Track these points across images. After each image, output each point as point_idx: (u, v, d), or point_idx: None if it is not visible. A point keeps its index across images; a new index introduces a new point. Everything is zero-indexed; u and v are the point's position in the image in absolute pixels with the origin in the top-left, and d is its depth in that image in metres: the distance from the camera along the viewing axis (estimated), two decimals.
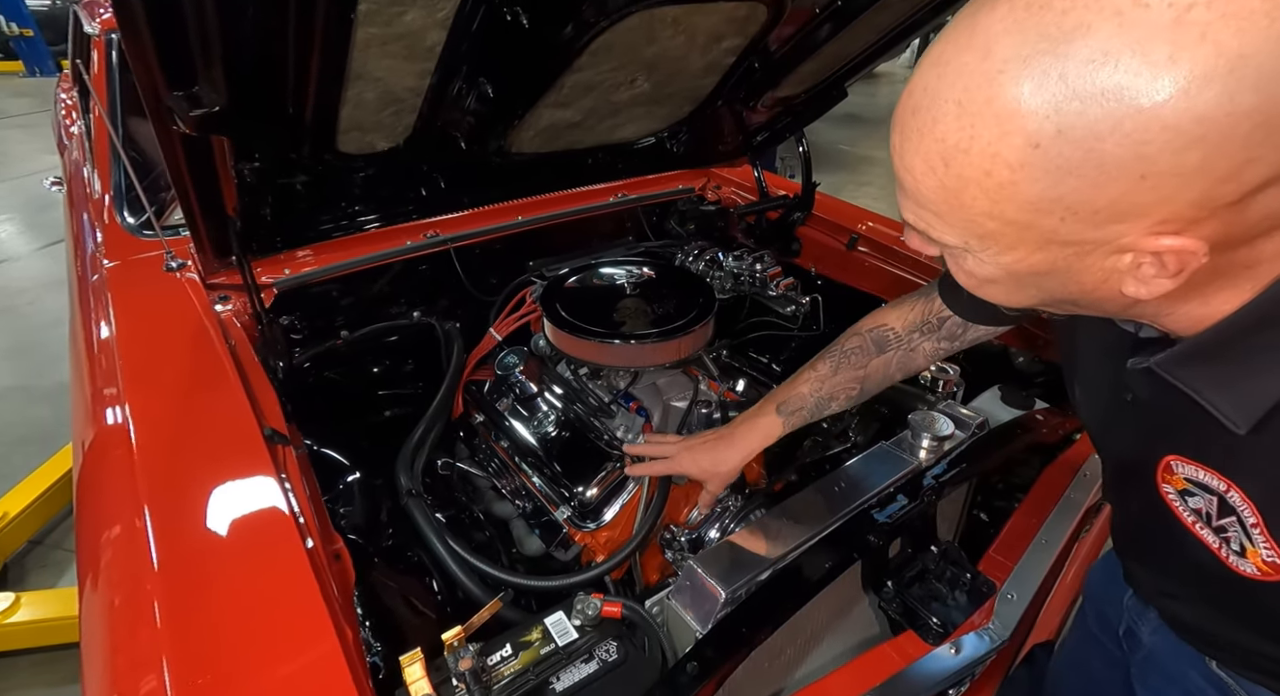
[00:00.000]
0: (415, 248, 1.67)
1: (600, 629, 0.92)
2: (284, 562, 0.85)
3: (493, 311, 1.72)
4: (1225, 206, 0.41)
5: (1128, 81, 0.38)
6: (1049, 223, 0.45)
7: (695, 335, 1.41)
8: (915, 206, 0.51)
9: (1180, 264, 0.44)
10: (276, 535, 0.88)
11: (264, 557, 0.86)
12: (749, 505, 1.34)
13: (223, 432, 1.05)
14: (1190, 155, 0.38)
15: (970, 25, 0.43)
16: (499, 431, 1.53)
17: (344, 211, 1.35)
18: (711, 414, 1.37)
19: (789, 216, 1.96)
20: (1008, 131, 0.42)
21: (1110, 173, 0.40)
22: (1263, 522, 0.55)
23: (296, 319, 1.45)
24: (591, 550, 1.33)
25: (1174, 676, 0.85)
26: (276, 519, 0.90)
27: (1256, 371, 0.51)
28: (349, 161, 1.15)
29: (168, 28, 0.68)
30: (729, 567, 0.92)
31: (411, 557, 1.26)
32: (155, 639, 0.75)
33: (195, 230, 1.10)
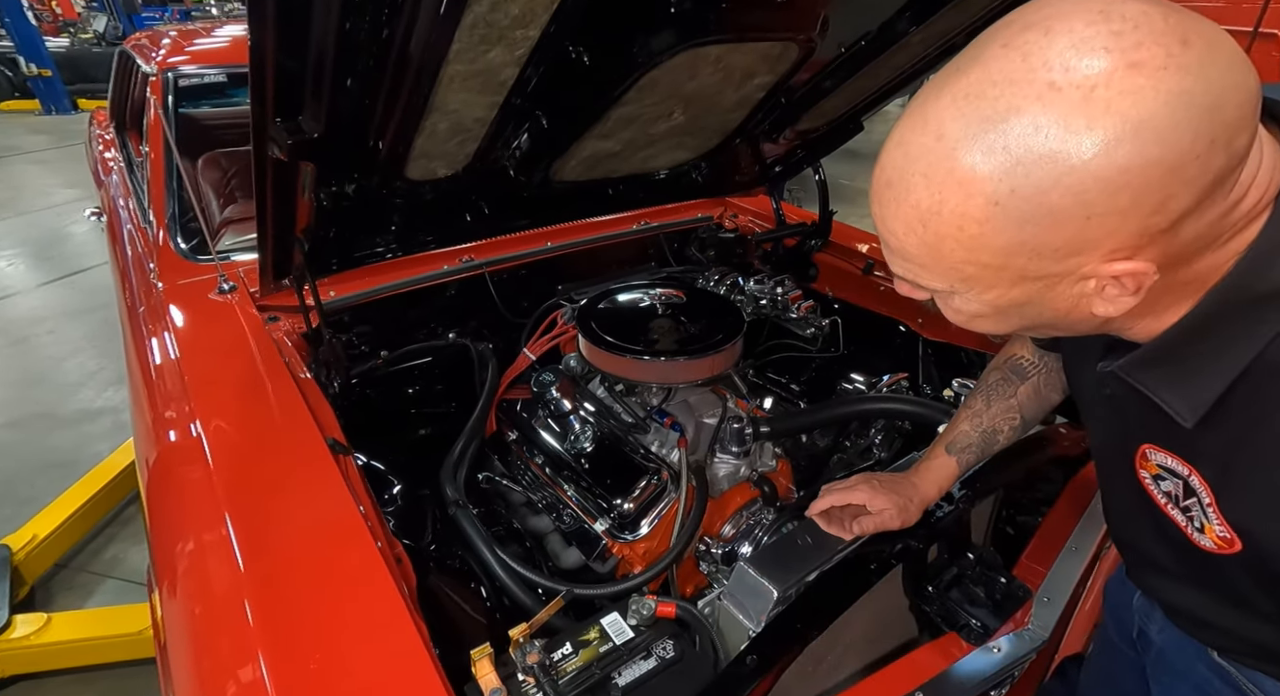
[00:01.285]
0: (451, 272, 1.75)
1: (655, 628, 0.96)
2: (361, 561, 0.89)
3: (525, 333, 1.79)
4: (1160, 233, 0.49)
5: (1059, 146, 0.46)
6: (1019, 262, 0.53)
7: (726, 353, 1.47)
8: (902, 261, 0.59)
9: (1136, 283, 0.52)
10: (351, 536, 0.92)
11: (343, 557, 0.90)
12: (780, 518, 1.39)
13: (290, 443, 1.10)
14: (1121, 197, 0.47)
15: (922, 114, 0.52)
16: (534, 447, 1.57)
17: (396, 236, 1.42)
18: (744, 429, 1.42)
19: (806, 243, 2.04)
20: (970, 194, 0.50)
21: (1060, 218, 0.49)
22: (1215, 502, 0.63)
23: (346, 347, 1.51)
24: (629, 561, 1.37)
25: (1182, 671, 0.89)
26: (350, 521, 0.95)
27: (1195, 372, 0.59)
28: (412, 187, 1.22)
29: (291, 64, 0.76)
30: (779, 569, 0.96)
31: (453, 565, 1.30)
32: (248, 635, 0.79)
33: (264, 250, 1.16)
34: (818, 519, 1.05)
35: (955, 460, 1.02)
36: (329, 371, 1.38)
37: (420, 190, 1.25)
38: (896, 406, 1.37)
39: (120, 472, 2.60)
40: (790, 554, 1.00)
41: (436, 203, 1.35)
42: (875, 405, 1.40)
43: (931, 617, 1.04)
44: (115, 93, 2.69)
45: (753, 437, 1.43)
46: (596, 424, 1.49)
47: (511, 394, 1.69)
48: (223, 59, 2.13)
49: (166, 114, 1.76)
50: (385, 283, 1.64)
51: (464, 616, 1.20)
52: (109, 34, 11.57)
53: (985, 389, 1.04)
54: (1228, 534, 0.63)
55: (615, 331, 1.50)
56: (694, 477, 1.36)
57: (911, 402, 1.37)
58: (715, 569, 1.42)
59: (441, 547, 1.27)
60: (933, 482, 1.02)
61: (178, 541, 0.98)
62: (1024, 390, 1.01)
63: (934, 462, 1.03)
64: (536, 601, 1.19)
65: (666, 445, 1.51)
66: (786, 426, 1.44)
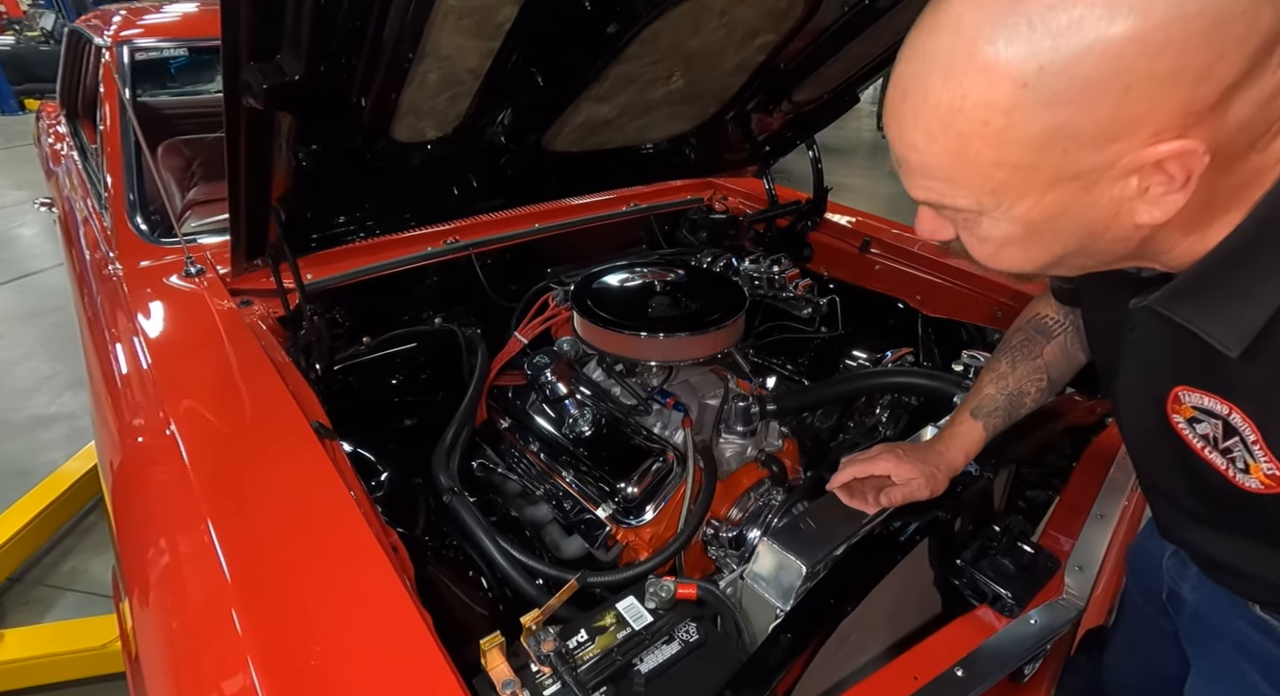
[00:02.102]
0: (436, 253, 1.66)
1: (676, 611, 0.89)
2: (358, 550, 0.81)
3: (514, 316, 1.71)
4: (1208, 110, 0.45)
5: (1087, 12, 0.43)
6: (1053, 157, 0.48)
7: (730, 329, 1.42)
8: (923, 179, 0.54)
9: (1185, 169, 0.47)
10: (346, 524, 0.84)
11: (337, 547, 0.82)
12: (790, 499, 1.34)
13: (272, 430, 1.02)
14: (1162, 60, 0.43)
15: (935, 16, 0.49)
16: (529, 434, 1.50)
17: (380, 210, 1.33)
18: (750, 407, 1.37)
19: (800, 222, 2.00)
20: (994, 81, 0.46)
21: (1096, 92, 0.44)
22: (1261, 439, 0.59)
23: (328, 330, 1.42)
24: (634, 548, 1.30)
25: (1220, 628, 0.86)
26: (343, 508, 0.87)
27: (1240, 295, 0.54)
28: (398, 151, 1.14)
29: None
30: (805, 544, 0.90)
31: (449, 555, 1.22)
32: (234, 639, 0.71)
33: (236, 223, 1.07)
34: (839, 492, 1.00)
35: (982, 425, 0.98)
36: (310, 356, 1.29)
37: (407, 155, 1.17)
38: (909, 380, 1.33)
39: (78, 480, 2.45)
40: (814, 529, 0.94)
41: (423, 171, 1.27)
42: (886, 379, 1.36)
43: (960, 591, 0.99)
44: (66, 79, 2.54)
45: (759, 416, 1.38)
46: (595, 407, 1.42)
47: (502, 380, 1.61)
48: (178, 32, 2.02)
49: (122, 81, 1.65)
50: (365, 265, 1.55)
51: (465, 608, 1.12)
52: (57, 32, 11.11)
53: (1009, 350, 0.99)
54: (1277, 470, 0.59)
55: (612, 309, 1.44)
56: (701, 458, 1.30)
57: (924, 375, 1.32)
58: (724, 553, 1.36)
59: (436, 538, 1.19)
60: (959, 450, 0.98)
61: (150, 546, 0.89)
62: (1050, 349, 0.97)
63: (959, 428, 0.99)
64: (541, 592, 1.12)
65: (669, 426, 1.44)
66: (794, 403, 1.39)
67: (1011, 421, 0.99)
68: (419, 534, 1.15)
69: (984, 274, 1.68)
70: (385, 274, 1.57)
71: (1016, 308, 1.61)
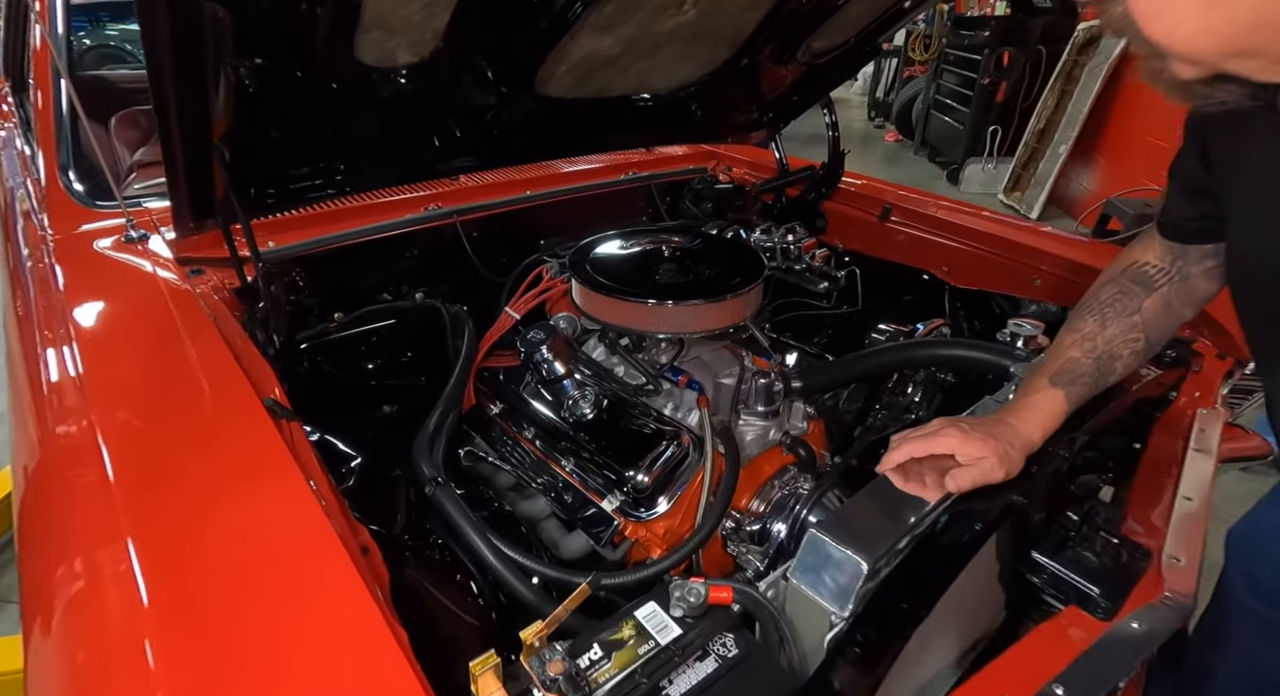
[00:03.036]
0: (416, 221, 1.50)
1: (709, 619, 0.74)
2: (316, 552, 0.65)
3: (504, 291, 1.55)
4: None
5: None
6: None
7: (748, 297, 1.26)
8: None
9: None
10: (301, 521, 0.68)
11: (290, 549, 0.66)
12: (820, 488, 1.18)
13: (215, 410, 0.85)
14: None
15: None
16: (523, 419, 1.34)
17: (347, 162, 1.16)
18: (772, 385, 1.21)
19: (813, 191, 1.85)
20: None
21: None
22: None
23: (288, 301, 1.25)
24: (645, 544, 1.15)
25: None
26: (298, 501, 0.70)
27: None
28: (363, 78, 0.97)
29: None
30: (861, 537, 0.75)
31: (432, 556, 1.06)
32: (148, 684, 0.54)
33: (172, 168, 0.90)
34: (893, 476, 0.84)
35: (1063, 395, 0.83)
36: (268, 330, 1.12)
37: (376, 84, 1.00)
38: (955, 352, 1.18)
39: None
40: (869, 519, 0.79)
41: (398, 113, 1.10)
42: (927, 352, 1.21)
43: (1036, 589, 0.84)
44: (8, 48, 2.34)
45: (782, 395, 1.23)
46: (597, 387, 1.26)
47: (491, 361, 1.44)
48: None
49: (54, 25, 1.46)
50: (335, 232, 1.38)
51: (452, 618, 0.96)
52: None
53: (1098, 306, 0.84)
54: None
55: (616, 276, 1.28)
56: (721, 441, 1.15)
57: (973, 346, 1.18)
58: (745, 549, 1.21)
59: (417, 536, 1.03)
60: (1035, 423, 0.83)
61: (56, 562, 0.71)
62: (1150, 303, 0.82)
63: (1035, 398, 0.84)
64: (541, 596, 0.95)
65: (682, 407, 1.29)
66: (822, 380, 1.24)
67: (1097, 391, 0.84)
68: (397, 532, 0.99)
69: (1021, 239, 1.54)
70: (359, 242, 1.40)
71: (1059, 276, 1.47)
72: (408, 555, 0.94)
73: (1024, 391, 0.86)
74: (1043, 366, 0.87)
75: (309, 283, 1.36)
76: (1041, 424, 0.82)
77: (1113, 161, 4.76)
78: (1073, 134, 4.86)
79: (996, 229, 1.59)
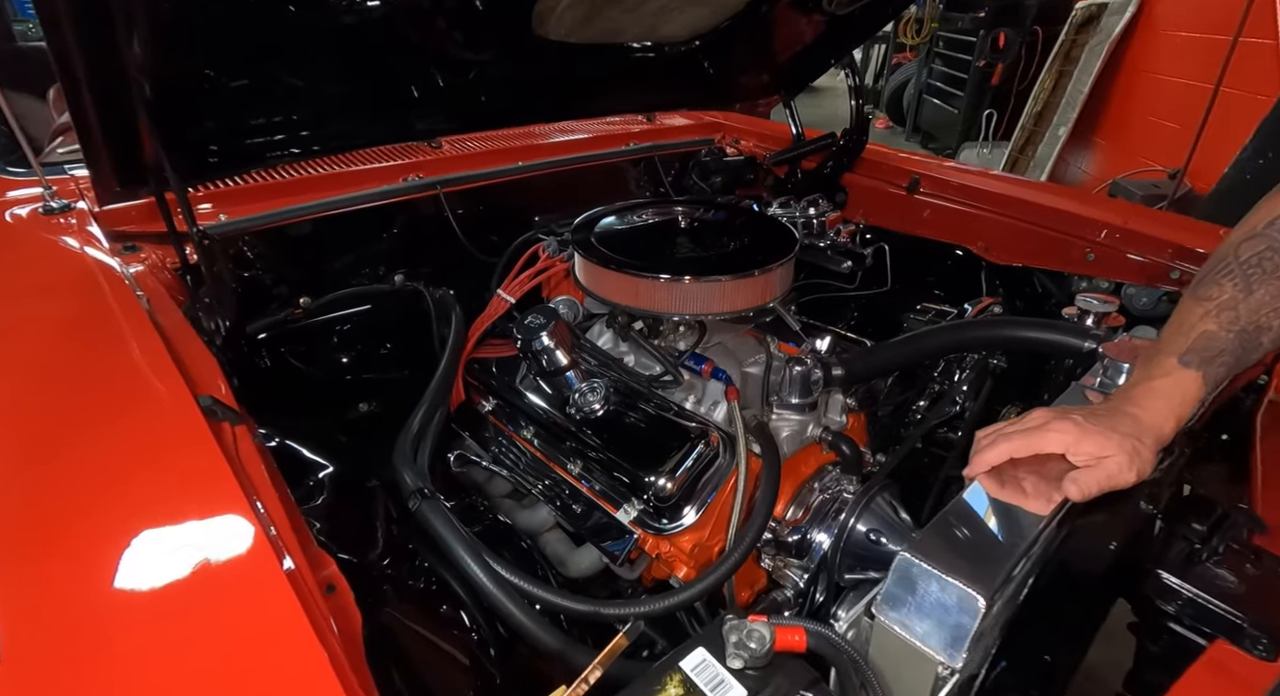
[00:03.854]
0: (394, 193, 1.31)
1: (779, 673, 0.57)
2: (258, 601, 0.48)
3: (496, 273, 1.37)
4: None
5: None
6: None
7: (780, 273, 1.10)
8: None
9: None
10: (240, 556, 0.50)
11: (222, 596, 0.48)
12: (867, 492, 1.03)
13: (138, 414, 0.67)
14: None
15: None
16: (521, 417, 1.17)
17: (309, 114, 0.98)
18: (809, 373, 1.05)
19: (832, 162, 1.68)
20: None
21: None
22: None
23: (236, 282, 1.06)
24: (669, 561, 0.98)
25: None
26: (237, 530, 0.52)
27: None
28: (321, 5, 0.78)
29: None
30: (965, 561, 0.59)
31: (417, 585, 0.88)
32: None
33: (78, 109, 0.71)
34: (986, 481, 0.68)
35: (1198, 376, 0.67)
36: (213, 316, 0.94)
37: (336, 8, 0.81)
38: (1020, 333, 1.02)
39: None
40: (970, 538, 0.63)
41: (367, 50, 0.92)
42: (988, 332, 1.05)
43: (1168, 618, 0.69)
44: None
45: (821, 384, 1.06)
46: (607, 379, 1.09)
47: (483, 352, 1.27)
48: None
49: None
50: (300, 203, 1.19)
51: (442, 662, 0.79)
52: None
53: (1238, 268, 0.69)
54: None
55: (628, 251, 1.11)
56: (756, 438, 0.99)
57: (1040, 325, 1.02)
58: (782, 563, 1.05)
59: (400, 562, 0.85)
60: (1165, 412, 0.67)
61: None
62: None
63: (1162, 381, 0.68)
64: (549, 628, 0.78)
65: (705, 401, 1.12)
66: (865, 366, 1.08)
67: (1238, 370, 0.69)
68: (375, 558, 0.81)
69: (1072, 208, 1.39)
70: (327, 217, 1.22)
71: (1115, 249, 1.32)
72: (387, 589, 0.77)
73: (1145, 374, 0.70)
74: (1166, 344, 0.71)
75: (269, 263, 1.17)
76: (1174, 412, 0.67)
77: (1113, 143, 4.65)
78: (1073, 115, 4.74)
79: (1042, 198, 1.44)
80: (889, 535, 1.00)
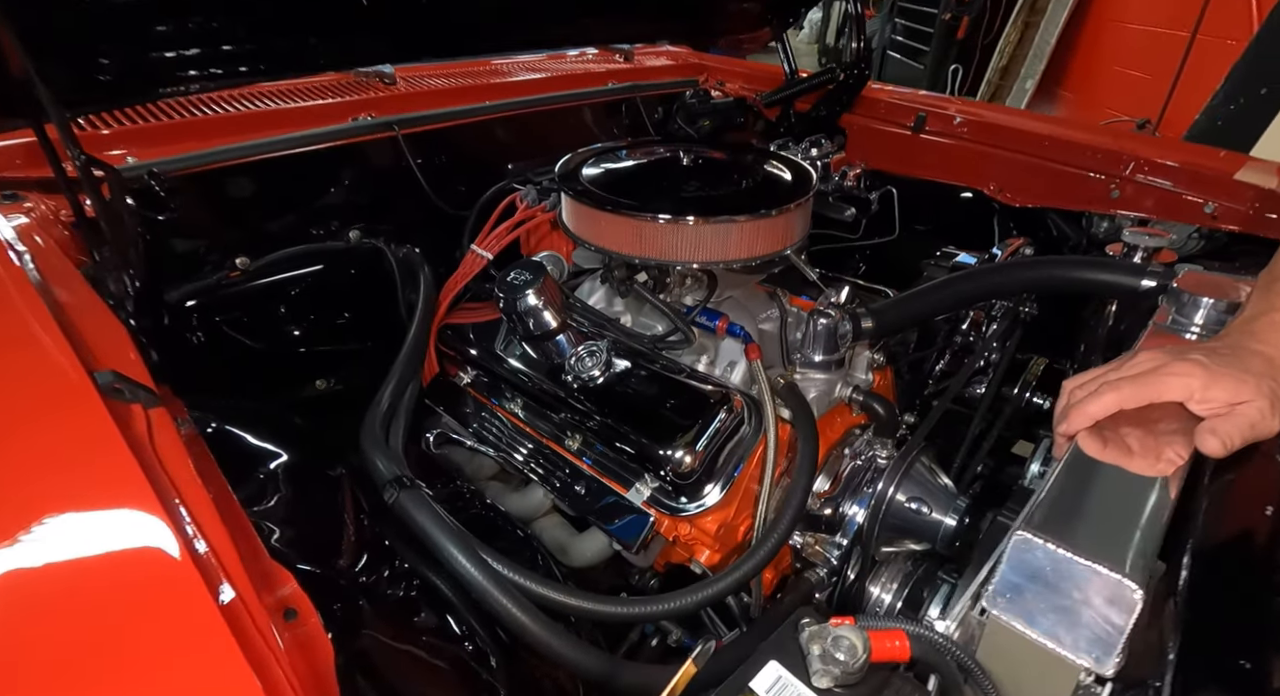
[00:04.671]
0: (342, 133, 1.13)
1: (882, 690, 0.46)
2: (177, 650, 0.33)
3: (468, 227, 1.20)
4: None
5: None
6: None
7: (800, 213, 0.96)
8: None
9: None
10: (149, 584, 0.35)
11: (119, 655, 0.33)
12: (905, 457, 0.92)
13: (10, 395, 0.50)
14: None
15: None
16: (507, 387, 1.02)
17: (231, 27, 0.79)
18: (836, 326, 0.92)
19: (831, 102, 1.55)
20: None
21: None
22: None
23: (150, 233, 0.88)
24: (689, 545, 0.86)
25: None
26: (144, 547, 0.37)
27: None
28: None
29: None
30: (1098, 540, 0.47)
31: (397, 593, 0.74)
32: None
33: None
34: (1088, 440, 0.57)
35: None
36: (121, 278, 0.76)
37: None
38: (1070, 273, 0.91)
39: None
40: (1087, 510, 0.51)
41: None
42: (1035, 273, 0.93)
43: None
44: None
45: (850, 339, 0.94)
46: (606, 341, 0.94)
47: (457, 316, 1.11)
48: None
49: None
50: (230, 144, 1.00)
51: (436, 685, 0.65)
52: None
53: None
54: None
55: (627, 192, 0.96)
56: (786, 401, 0.86)
57: (1092, 265, 0.91)
58: (813, 540, 0.94)
59: (376, 565, 0.70)
60: None
61: None
62: None
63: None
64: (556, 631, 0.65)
65: (719, 362, 0.99)
66: (898, 318, 0.96)
67: None
68: (345, 565, 0.66)
69: (1093, 142, 1.28)
70: (265, 159, 1.03)
71: (1144, 185, 1.23)
72: (363, 603, 0.62)
73: (1267, 305, 0.60)
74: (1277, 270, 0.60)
75: (195, 216, 0.98)
76: None
77: (1081, 95, 4.63)
78: (1040, 67, 4.70)
79: (1060, 132, 1.33)
80: (932, 502, 0.89)
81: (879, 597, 0.93)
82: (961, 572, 0.83)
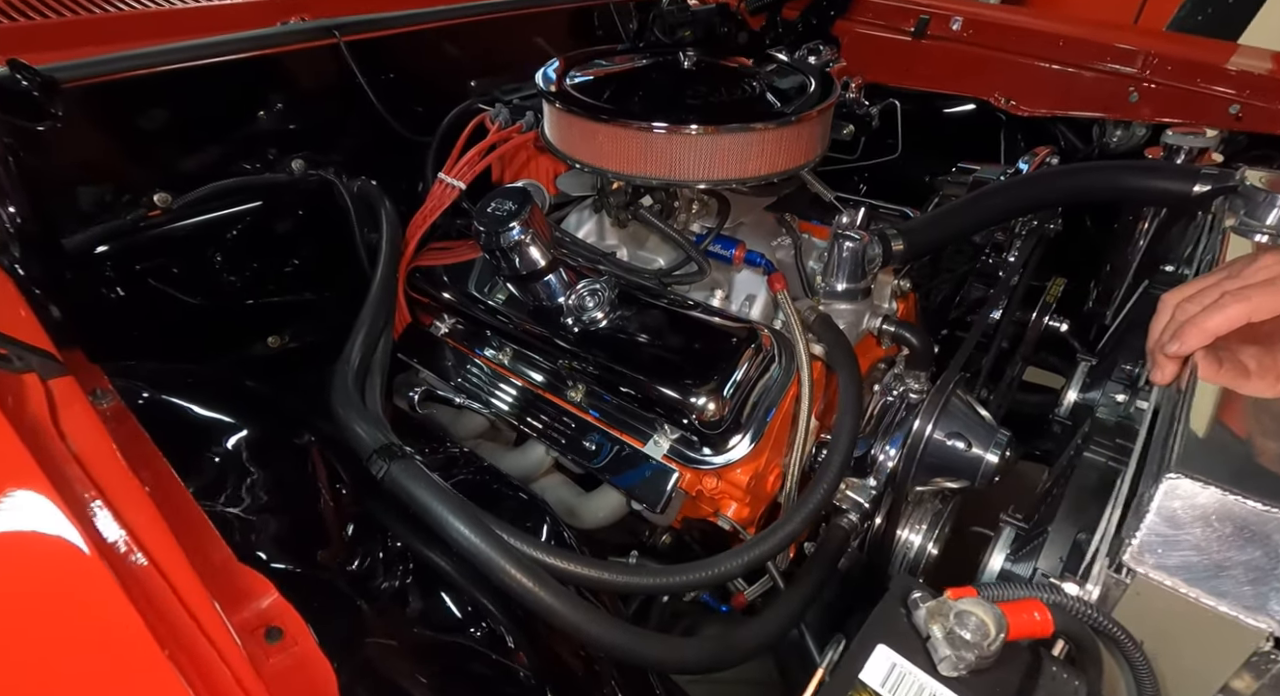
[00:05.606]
0: (270, 39, 0.94)
1: (1024, 672, 0.38)
2: None
3: (430, 154, 1.04)
4: None
5: None
6: None
7: (821, 120, 0.84)
8: None
9: None
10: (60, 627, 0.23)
11: None
12: (944, 388, 0.84)
13: None
14: None
15: None
16: (494, 335, 0.90)
17: None
18: (863, 250, 0.83)
19: (824, 7, 1.40)
20: None
21: None
22: None
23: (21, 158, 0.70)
24: (715, 499, 0.77)
25: None
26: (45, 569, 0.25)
27: None
28: None
29: None
30: (1261, 477, 0.40)
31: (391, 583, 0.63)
32: None
33: None
34: (1205, 361, 0.49)
35: None
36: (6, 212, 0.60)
37: None
38: (1117, 181, 0.82)
39: None
40: (1231, 443, 0.44)
41: None
42: (1077, 181, 0.84)
43: None
44: None
45: (879, 263, 0.85)
46: (606, 277, 0.82)
47: (428, 257, 0.97)
48: None
49: None
50: (132, 49, 0.81)
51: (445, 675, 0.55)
52: None
53: None
54: None
55: (625, 102, 0.82)
56: (820, 336, 0.77)
57: (1139, 170, 0.83)
58: (844, 485, 0.86)
59: (364, 551, 0.59)
60: None
61: None
62: None
63: None
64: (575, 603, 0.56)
65: (735, 296, 0.89)
66: (930, 238, 0.87)
67: None
68: (331, 557, 0.55)
69: (1108, 40, 1.19)
70: (174, 70, 0.84)
71: (1164, 86, 1.14)
72: (361, 604, 0.51)
73: None
74: None
75: (95, 143, 0.80)
76: None
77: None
78: None
79: (1072, 31, 1.23)
80: (972, 437, 0.82)
81: (908, 539, 0.88)
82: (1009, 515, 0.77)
